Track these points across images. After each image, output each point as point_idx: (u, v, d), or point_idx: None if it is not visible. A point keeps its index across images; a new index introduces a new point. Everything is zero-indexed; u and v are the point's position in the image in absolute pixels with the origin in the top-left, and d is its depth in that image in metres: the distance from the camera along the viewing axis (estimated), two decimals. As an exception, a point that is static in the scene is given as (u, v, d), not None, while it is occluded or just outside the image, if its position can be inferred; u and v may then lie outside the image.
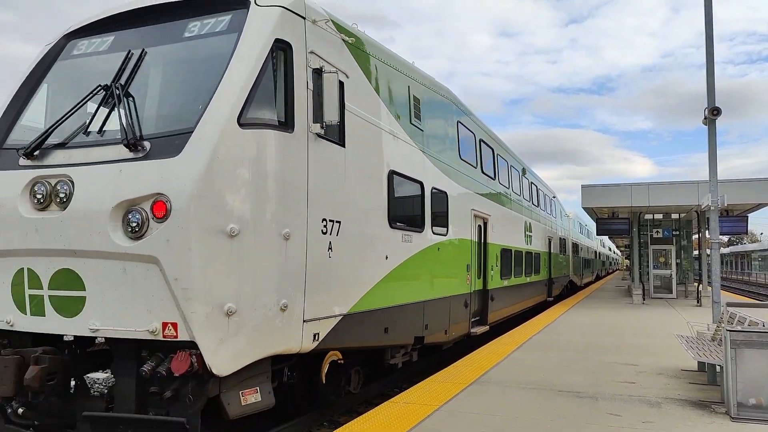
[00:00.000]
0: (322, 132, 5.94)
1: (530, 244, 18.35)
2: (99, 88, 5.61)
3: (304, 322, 5.69)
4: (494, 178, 13.99)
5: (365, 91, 7.23)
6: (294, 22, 5.76)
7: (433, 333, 9.31)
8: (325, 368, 6.83)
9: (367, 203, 7.12)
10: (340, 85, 6.35)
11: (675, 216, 24.16)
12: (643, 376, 8.00)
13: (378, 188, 7.43)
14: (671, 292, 23.50)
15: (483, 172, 12.90)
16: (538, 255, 19.66)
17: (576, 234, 33.51)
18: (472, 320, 11.67)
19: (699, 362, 8.18)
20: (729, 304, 7.74)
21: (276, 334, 5.33)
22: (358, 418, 5.99)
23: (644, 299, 21.96)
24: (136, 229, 4.74)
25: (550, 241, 22.94)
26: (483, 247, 12.62)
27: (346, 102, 6.59)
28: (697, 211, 21.58)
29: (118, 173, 4.86)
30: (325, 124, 5.87)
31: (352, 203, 6.70)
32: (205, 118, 4.91)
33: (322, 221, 6.04)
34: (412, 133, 8.71)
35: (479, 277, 12.31)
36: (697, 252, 26.91)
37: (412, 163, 8.59)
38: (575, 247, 32.37)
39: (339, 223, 6.36)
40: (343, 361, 7.18)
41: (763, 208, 21.41)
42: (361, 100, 7.03)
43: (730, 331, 6.09)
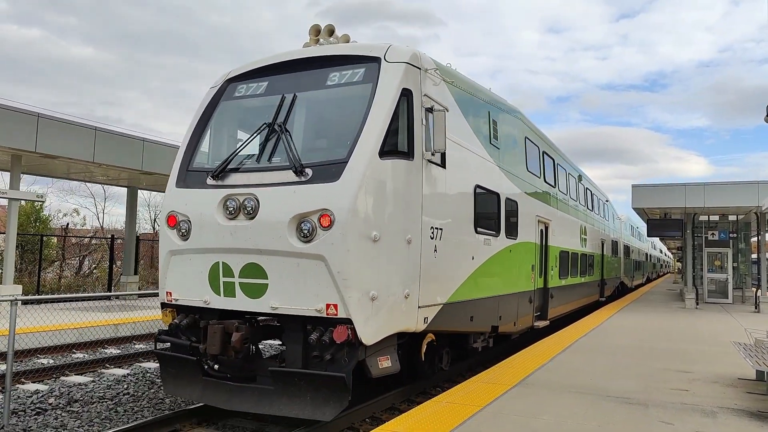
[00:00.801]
0: (432, 158, 7.53)
1: (585, 247, 19.49)
2: (264, 126, 7.35)
3: (419, 308, 7.29)
4: (554, 186, 15.31)
5: (459, 120, 8.78)
6: (414, 73, 7.36)
7: (505, 323, 10.79)
8: (423, 347, 8.42)
9: (460, 213, 8.66)
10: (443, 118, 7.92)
11: (732, 218, 23.56)
12: (697, 384, 7.78)
13: (468, 200, 8.96)
14: (727, 297, 23.03)
15: (545, 181, 14.26)
16: (591, 257, 20.74)
17: (627, 236, 34.13)
18: (535, 315, 13.06)
19: (758, 371, 7.93)
20: (789, 311, 7.57)
21: (401, 316, 6.95)
22: (400, 416, 6.04)
23: (697, 303, 21.66)
24: (307, 235, 6.43)
25: (603, 244, 23.89)
26: (544, 250, 13.97)
27: (446, 131, 8.15)
28: (756, 213, 21.06)
29: (293, 193, 6.56)
30: (434, 151, 7.45)
31: (450, 213, 8.26)
32: (356, 151, 6.55)
33: (431, 229, 7.62)
34: (491, 151, 10.20)
35: (541, 276, 13.67)
36: (755, 256, 26.18)
37: (491, 177, 10.09)
38: (626, 249, 33.01)
39: (441, 230, 7.93)
40: (436, 343, 8.75)
41: (825, 210, 20.75)
42: (456, 129, 8.57)
43: (791, 338, 5.89)
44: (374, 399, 8.00)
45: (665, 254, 74.71)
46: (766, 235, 21.92)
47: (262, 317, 7.12)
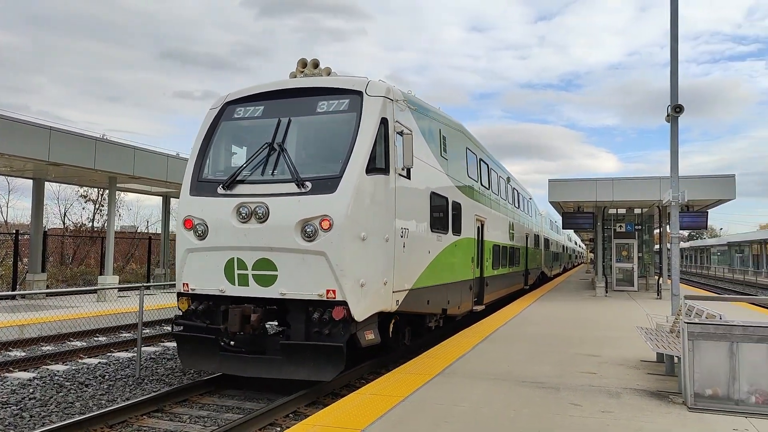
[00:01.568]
0: (402, 172, 9.37)
1: (513, 241, 22.04)
2: (266, 144, 8.89)
3: (393, 292, 9.12)
4: (488, 188, 17.62)
5: (419, 139, 10.67)
6: (388, 104, 9.15)
7: (452, 307, 12.85)
8: (390, 327, 10.28)
9: (421, 215, 10.57)
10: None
11: (638, 211, 24.53)
12: (605, 367, 8.30)
13: (425, 204, 10.88)
14: (633, 285, 24.28)
15: (482, 185, 16.50)
16: (518, 249, 23.36)
17: (547, 230, 37.60)
18: (473, 300, 15.26)
19: (658, 353, 8.42)
20: (687, 297, 7.88)
21: (381, 299, 8.75)
22: (324, 409, 6.21)
23: (607, 292, 22.79)
24: (311, 235, 8.09)
25: (527, 237, 26.66)
26: (481, 244, 16.21)
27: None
28: (658, 206, 22.03)
29: (298, 202, 8.19)
30: (405, 167, 9.29)
31: (414, 215, 10.13)
32: (348, 169, 8.26)
33: (401, 229, 9.46)
34: (441, 162, 12.19)
35: (478, 267, 15.90)
36: (658, 246, 27.51)
37: (442, 184, 12.07)
38: (546, 242, 36.43)
39: (408, 229, 9.79)
40: (400, 322, 10.63)
41: (723, 204, 21.52)
42: (417, 146, 10.44)
43: (688, 323, 6.22)
44: (359, 365, 9.85)
45: (579, 246, 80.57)
46: (667, 226, 22.88)
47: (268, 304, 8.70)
